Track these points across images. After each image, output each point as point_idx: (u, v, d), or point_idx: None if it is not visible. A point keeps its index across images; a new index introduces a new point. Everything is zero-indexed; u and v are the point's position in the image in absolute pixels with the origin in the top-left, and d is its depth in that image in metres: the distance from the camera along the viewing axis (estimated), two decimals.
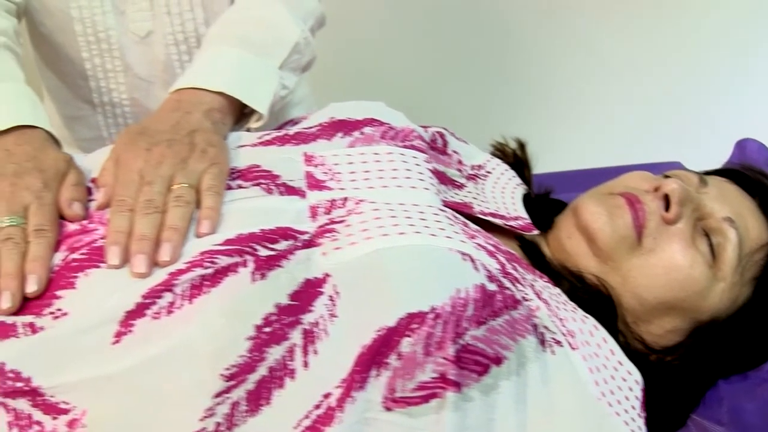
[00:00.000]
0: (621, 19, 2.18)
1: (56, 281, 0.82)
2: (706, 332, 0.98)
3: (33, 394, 0.75)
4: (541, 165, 1.16)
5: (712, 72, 2.33)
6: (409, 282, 0.78)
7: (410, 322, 0.75)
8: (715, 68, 2.33)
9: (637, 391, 0.87)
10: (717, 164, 1.16)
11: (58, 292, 0.81)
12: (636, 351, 0.95)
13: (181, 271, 0.78)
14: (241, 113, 1.07)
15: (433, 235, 0.83)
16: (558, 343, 0.83)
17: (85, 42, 1.25)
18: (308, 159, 0.95)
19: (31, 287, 0.81)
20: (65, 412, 0.76)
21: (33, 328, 0.79)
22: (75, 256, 0.84)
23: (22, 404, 0.76)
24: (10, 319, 0.80)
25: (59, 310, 0.80)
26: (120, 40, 1.25)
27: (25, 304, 0.81)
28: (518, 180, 1.10)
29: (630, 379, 0.87)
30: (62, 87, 1.32)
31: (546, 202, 1.11)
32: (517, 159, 1.14)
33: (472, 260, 0.81)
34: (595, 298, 0.94)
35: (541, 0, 2.14)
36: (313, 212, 0.87)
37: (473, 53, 2.20)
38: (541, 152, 1.16)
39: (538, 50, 2.22)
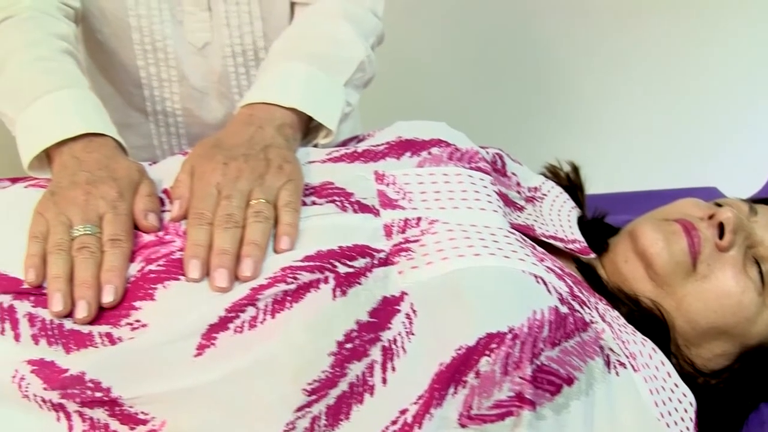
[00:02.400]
0: (657, 39, 2.19)
1: (133, 292, 0.83)
2: (753, 357, 1.00)
3: (111, 404, 0.76)
4: None
5: (747, 96, 2.34)
6: (487, 303, 0.79)
7: (489, 341, 0.77)
8: (752, 92, 2.33)
9: (691, 412, 0.89)
10: (752, 189, 1.17)
11: (136, 303, 0.82)
12: (685, 373, 0.96)
13: (263, 287, 0.79)
14: (306, 129, 1.07)
15: (506, 257, 0.84)
16: (622, 365, 0.84)
17: (142, 50, 1.25)
18: (379, 177, 0.95)
19: (108, 298, 0.82)
20: (143, 422, 0.77)
21: (111, 339, 0.80)
22: (152, 267, 0.84)
23: (99, 414, 0.76)
24: (86, 329, 0.81)
25: (138, 321, 0.81)
26: (176, 50, 1.26)
27: (101, 313, 0.82)
28: (572, 203, 1.11)
29: (685, 401, 0.89)
30: (115, 94, 1.32)
31: (598, 226, 1.12)
32: (570, 182, 1.15)
33: (545, 283, 0.83)
34: (650, 322, 0.96)
35: (577, 23, 2.15)
36: (388, 231, 0.88)
37: (509, 74, 2.21)
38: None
39: (572, 73, 2.22)
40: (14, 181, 1.06)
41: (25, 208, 0.92)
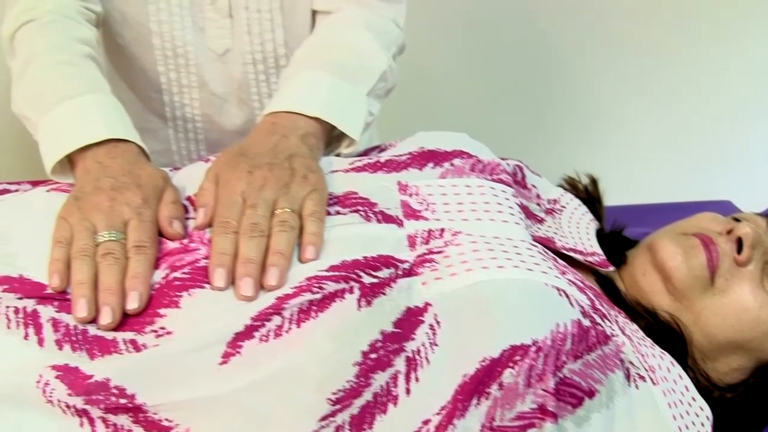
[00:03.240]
0: (674, 53, 2.19)
1: (158, 299, 0.83)
2: None
3: (136, 411, 0.76)
4: None
5: (763, 111, 2.34)
6: (512, 315, 0.80)
7: (513, 354, 0.77)
8: (764, 106, 2.34)
9: (708, 426, 0.89)
10: (766, 203, 1.17)
11: (161, 311, 0.82)
12: (701, 387, 0.97)
13: (288, 296, 0.79)
14: (329, 138, 1.08)
15: (529, 269, 0.84)
16: (642, 378, 0.85)
17: (162, 56, 1.26)
18: (402, 188, 0.96)
19: (132, 304, 0.82)
20: (167, 429, 0.77)
21: (135, 346, 0.80)
22: (177, 275, 0.85)
23: (123, 420, 0.77)
24: (110, 335, 0.81)
25: (162, 328, 0.81)
26: (197, 56, 1.26)
27: (125, 320, 0.82)
28: (590, 216, 1.11)
29: (702, 414, 0.89)
30: (134, 99, 1.32)
31: (616, 238, 1.13)
32: (589, 194, 1.16)
33: (567, 296, 0.83)
34: (668, 336, 0.96)
35: (594, 36, 2.15)
36: (412, 241, 0.88)
37: (525, 86, 2.21)
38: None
39: (589, 85, 2.22)
40: (35, 184, 1.07)
41: (47, 212, 0.92)
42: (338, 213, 0.92)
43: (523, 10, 2.08)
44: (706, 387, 0.98)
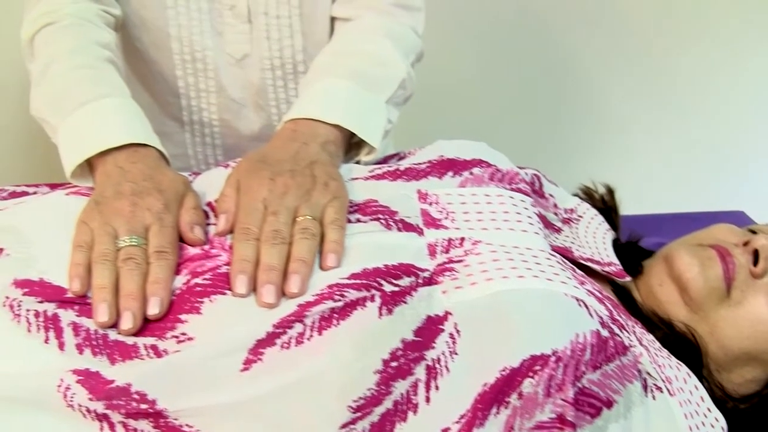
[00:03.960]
0: (688, 64, 2.19)
1: (179, 305, 0.83)
2: None
3: (156, 416, 0.76)
4: None
5: None
6: (532, 325, 0.80)
7: (533, 363, 0.77)
8: None
9: None
10: None
11: (182, 316, 0.82)
12: (715, 398, 0.97)
13: (310, 303, 0.80)
14: (348, 145, 1.08)
15: (549, 279, 0.85)
16: (659, 389, 0.85)
17: (181, 60, 1.26)
18: (422, 196, 0.96)
19: (153, 310, 0.82)
20: None
21: (156, 351, 0.80)
22: (198, 281, 0.85)
23: (144, 425, 0.77)
24: (130, 340, 0.81)
25: (184, 334, 0.81)
26: (216, 61, 1.26)
27: (146, 325, 0.82)
28: (606, 225, 1.12)
29: (717, 426, 0.90)
30: (151, 102, 1.32)
31: (632, 249, 1.13)
32: (605, 204, 1.16)
33: (586, 306, 0.84)
34: (684, 346, 0.96)
35: (610, 46, 2.15)
36: (432, 250, 0.89)
37: (540, 95, 2.21)
38: None
39: (603, 95, 2.22)
40: (53, 187, 1.07)
41: (67, 216, 0.92)
42: (359, 221, 0.92)
43: (538, 20, 2.09)
44: (720, 398, 0.98)
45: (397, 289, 0.82)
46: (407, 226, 0.91)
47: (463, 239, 0.90)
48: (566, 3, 2.06)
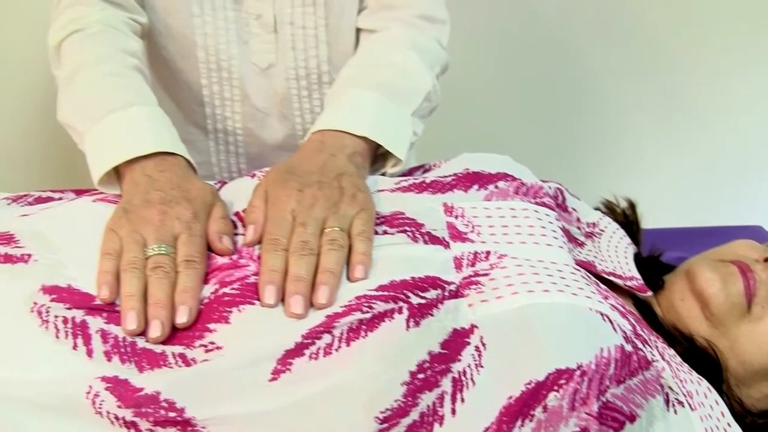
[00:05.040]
0: (706, 77, 2.18)
1: (207, 314, 0.84)
2: None
3: (185, 424, 0.77)
4: None
5: None
6: (557, 339, 0.81)
7: (558, 377, 0.78)
8: None
9: None
10: None
11: (211, 325, 0.83)
12: (735, 413, 0.97)
13: (338, 315, 0.80)
14: (374, 157, 1.09)
15: (574, 294, 0.85)
16: (680, 403, 0.85)
17: (206, 69, 1.27)
18: (448, 210, 0.97)
19: (182, 318, 0.83)
20: None
21: (185, 360, 0.81)
22: (227, 290, 0.85)
23: None
24: (158, 348, 0.82)
25: (212, 343, 0.82)
26: (241, 70, 1.27)
27: (174, 334, 0.83)
28: (628, 239, 1.12)
29: None
30: (175, 110, 1.33)
31: (653, 263, 1.13)
32: (627, 218, 1.16)
33: (610, 321, 0.84)
34: (705, 361, 0.97)
35: (627, 60, 2.15)
36: (458, 263, 0.89)
37: (557, 108, 2.21)
38: None
39: (621, 108, 2.22)
40: (79, 193, 1.08)
41: (94, 223, 0.93)
42: (386, 233, 0.93)
43: (557, 34, 2.09)
44: (739, 413, 0.98)
45: (424, 301, 0.83)
46: (433, 239, 0.92)
47: (488, 253, 0.90)
48: (582, 14, 2.07)
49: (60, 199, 1.09)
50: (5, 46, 1.80)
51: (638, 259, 1.11)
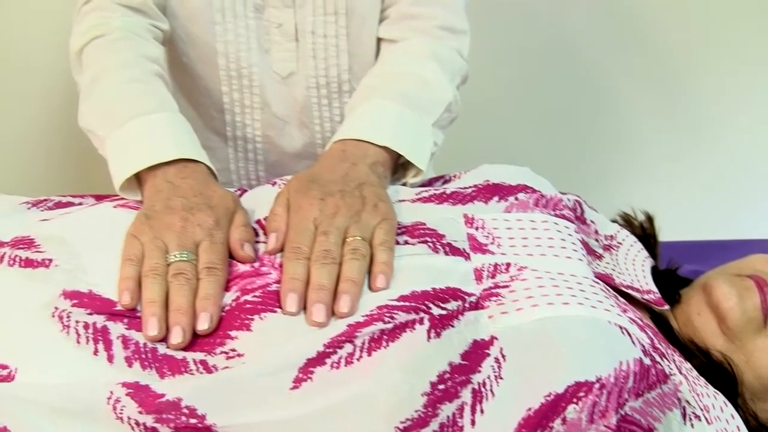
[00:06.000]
0: (725, 89, 2.18)
1: (228, 321, 0.85)
2: None
3: (205, 431, 0.77)
4: None
5: None
6: (577, 352, 0.81)
7: (578, 390, 0.78)
8: None
9: None
10: None
11: (232, 333, 0.83)
12: (749, 427, 0.98)
13: (360, 324, 0.81)
14: (395, 167, 1.09)
15: (593, 307, 0.85)
16: (697, 417, 0.85)
17: (227, 76, 1.27)
18: (469, 221, 0.97)
19: (203, 325, 0.83)
20: None
21: (206, 366, 0.81)
22: (248, 298, 0.86)
23: None
24: (179, 354, 0.82)
25: (233, 350, 0.82)
26: (261, 78, 1.27)
27: (195, 340, 0.84)
28: (645, 253, 1.12)
29: None
30: (195, 116, 1.33)
31: (670, 276, 1.14)
32: (644, 231, 1.17)
33: (629, 334, 0.84)
34: (720, 375, 0.97)
35: (644, 69, 2.14)
36: (478, 275, 0.90)
37: (574, 119, 2.21)
38: None
39: (636, 121, 2.22)
40: (99, 198, 1.08)
41: (115, 228, 0.94)
42: (407, 243, 0.93)
43: (576, 46, 2.09)
44: (755, 427, 0.99)
45: (444, 312, 0.83)
46: (454, 250, 0.92)
47: (509, 265, 0.91)
48: (601, 26, 2.07)
49: (80, 204, 1.09)
50: (27, 50, 1.81)
51: (655, 272, 1.11)
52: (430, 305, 0.83)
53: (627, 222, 1.19)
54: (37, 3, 1.77)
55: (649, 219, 1.18)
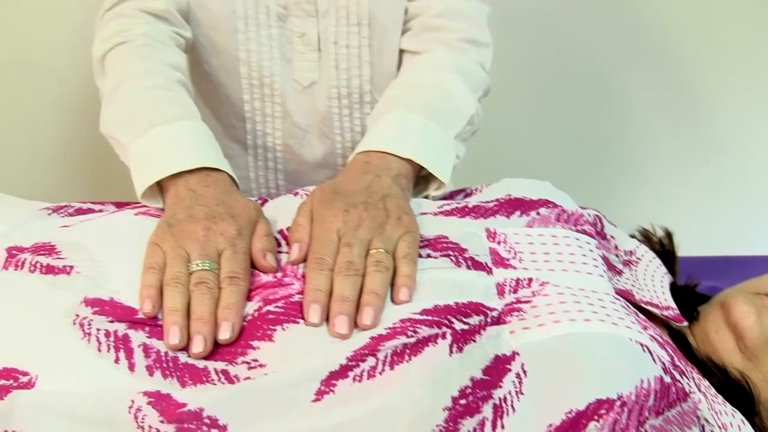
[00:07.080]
0: (738, 104, 2.18)
1: (250, 331, 0.85)
2: None
3: None
4: None
5: None
6: (598, 370, 0.81)
7: (599, 407, 0.78)
8: None
9: None
10: None
11: (254, 343, 0.83)
12: None
13: (383, 337, 0.81)
14: (417, 179, 1.09)
15: (614, 324, 0.86)
16: None
17: (249, 85, 1.27)
18: (491, 235, 0.97)
19: (225, 335, 0.84)
20: None
21: (228, 376, 0.81)
22: (270, 308, 0.86)
23: None
24: (201, 363, 0.83)
25: (255, 360, 0.82)
26: (283, 87, 1.28)
27: (216, 350, 0.84)
28: (664, 269, 1.12)
29: None
30: (216, 124, 1.33)
31: (688, 293, 1.14)
32: (663, 247, 1.17)
33: (650, 352, 0.84)
34: (738, 393, 0.97)
35: (661, 84, 2.14)
36: (500, 290, 0.90)
37: (591, 134, 2.21)
38: None
39: (652, 137, 2.21)
40: (119, 206, 1.08)
41: (137, 236, 0.94)
42: (429, 256, 0.93)
43: (593, 59, 2.09)
44: None
45: (466, 327, 0.83)
46: (476, 265, 0.92)
47: (530, 280, 0.91)
48: (618, 40, 2.06)
49: (100, 211, 1.09)
50: (49, 56, 1.81)
51: (674, 288, 1.11)
52: (453, 320, 0.83)
53: (646, 238, 1.19)
54: (54, 2, 1.77)
55: (668, 235, 1.18)
